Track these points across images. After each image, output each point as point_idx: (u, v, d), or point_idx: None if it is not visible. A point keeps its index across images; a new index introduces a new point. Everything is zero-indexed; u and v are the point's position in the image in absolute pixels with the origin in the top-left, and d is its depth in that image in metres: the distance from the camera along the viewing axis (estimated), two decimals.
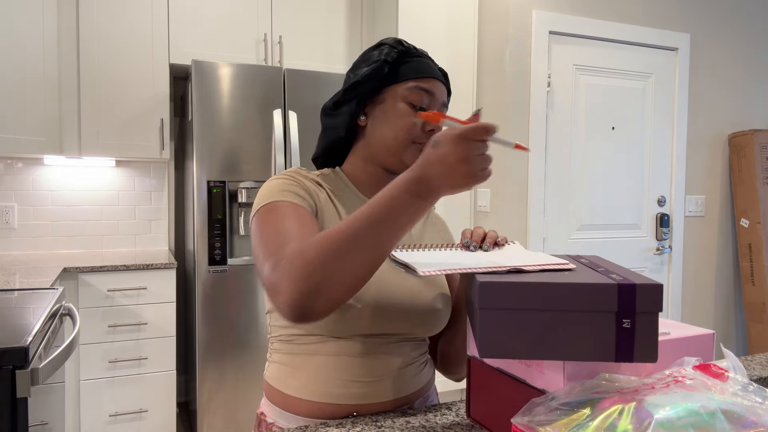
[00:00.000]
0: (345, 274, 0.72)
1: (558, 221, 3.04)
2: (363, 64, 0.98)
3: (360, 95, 0.96)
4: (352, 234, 0.72)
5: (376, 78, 0.95)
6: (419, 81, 0.95)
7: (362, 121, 0.98)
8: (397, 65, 0.96)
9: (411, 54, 0.97)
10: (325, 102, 0.99)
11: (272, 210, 0.87)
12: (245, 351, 2.65)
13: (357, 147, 1.01)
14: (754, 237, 3.31)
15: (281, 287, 0.73)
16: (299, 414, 0.92)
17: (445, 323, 0.99)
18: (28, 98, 2.54)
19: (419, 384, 0.97)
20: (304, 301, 0.72)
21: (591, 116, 3.09)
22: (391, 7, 3.01)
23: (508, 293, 0.65)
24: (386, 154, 0.96)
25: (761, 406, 0.60)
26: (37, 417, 1.34)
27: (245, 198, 2.63)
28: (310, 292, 0.71)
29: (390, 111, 0.95)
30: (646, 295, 0.64)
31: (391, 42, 0.97)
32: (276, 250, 0.79)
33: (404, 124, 0.93)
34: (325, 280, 0.71)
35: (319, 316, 0.73)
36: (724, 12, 3.40)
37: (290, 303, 0.72)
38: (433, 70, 0.97)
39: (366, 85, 0.95)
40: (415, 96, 0.94)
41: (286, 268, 0.73)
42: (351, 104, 0.96)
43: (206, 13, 3.00)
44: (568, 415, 0.61)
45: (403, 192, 0.72)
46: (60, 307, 1.74)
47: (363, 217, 0.72)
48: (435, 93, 0.95)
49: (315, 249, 0.73)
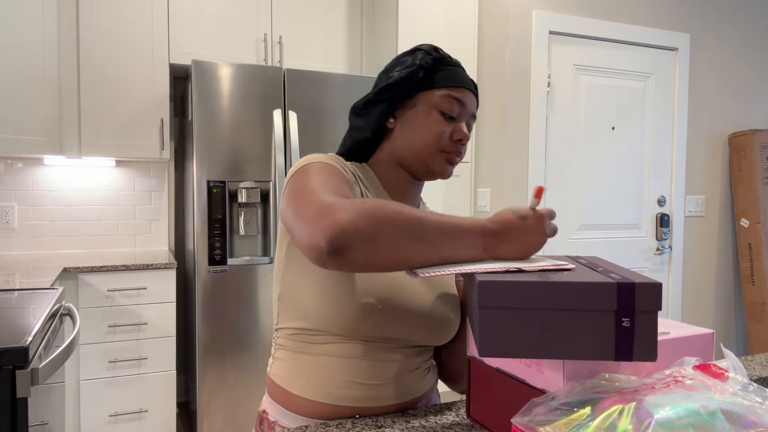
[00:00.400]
0: (400, 249, 0.72)
1: (558, 221, 3.03)
2: (397, 67, 0.97)
3: (392, 98, 0.96)
4: (428, 227, 0.74)
5: (411, 82, 0.95)
6: (452, 90, 0.95)
7: (391, 124, 0.98)
8: (431, 72, 0.96)
9: (446, 62, 0.97)
10: (355, 101, 0.99)
11: (321, 168, 0.88)
12: (245, 351, 2.65)
13: (383, 147, 1.00)
14: (754, 237, 3.31)
15: (338, 215, 0.71)
16: (300, 413, 0.92)
17: (455, 333, 0.99)
18: (28, 98, 2.54)
19: (422, 389, 0.97)
20: (352, 237, 0.70)
21: (591, 116, 3.09)
22: (391, 7, 3.01)
23: (508, 292, 0.65)
24: (412, 159, 0.96)
25: (761, 406, 0.60)
26: (37, 417, 1.34)
27: (245, 198, 2.63)
28: (364, 234, 0.70)
29: (420, 117, 0.95)
30: (645, 294, 0.64)
31: (427, 48, 0.97)
32: (332, 191, 0.79)
33: (434, 132, 0.94)
34: (385, 238, 0.71)
35: (350, 259, 0.71)
36: (724, 12, 3.40)
37: (339, 229, 0.70)
38: (466, 80, 0.97)
39: (399, 88, 0.95)
40: (447, 104, 0.94)
41: (355, 205, 0.72)
42: (382, 105, 0.96)
43: (206, 13, 3.00)
44: (568, 415, 0.61)
45: (478, 231, 0.77)
46: (60, 307, 1.74)
47: (442, 222, 0.76)
48: (466, 103, 0.96)
49: (393, 209, 0.73)
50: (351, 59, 3.33)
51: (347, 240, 0.70)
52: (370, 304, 0.87)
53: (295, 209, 0.79)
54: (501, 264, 0.75)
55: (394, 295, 0.89)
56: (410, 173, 0.99)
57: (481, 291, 0.66)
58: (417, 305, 0.91)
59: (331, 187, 0.81)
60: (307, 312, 0.90)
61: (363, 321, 0.87)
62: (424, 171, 0.96)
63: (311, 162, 0.90)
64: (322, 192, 0.79)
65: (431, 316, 0.93)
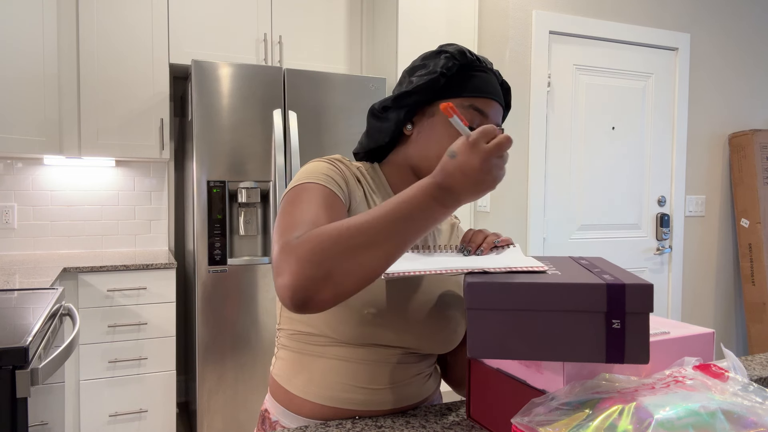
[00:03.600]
0: (357, 267, 0.69)
1: (558, 221, 3.03)
2: (419, 71, 0.93)
3: (410, 105, 0.91)
4: (372, 228, 0.70)
5: (431, 90, 0.90)
6: (474, 100, 0.89)
7: (408, 131, 0.94)
8: (454, 79, 0.90)
9: (472, 68, 0.91)
10: (374, 103, 0.95)
11: (304, 190, 0.84)
12: (245, 351, 2.65)
13: (398, 151, 0.97)
14: (754, 237, 3.31)
15: (285, 268, 0.69)
16: (301, 414, 0.92)
17: (460, 340, 0.98)
18: (28, 98, 2.54)
19: (424, 394, 0.96)
20: (308, 288, 0.68)
21: (591, 116, 3.09)
22: (391, 7, 3.01)
23: (497, 294, 0.65)
24: (426, 169, 0.92)
25: (761, 406, 0.60)
26: (37, 417, 1.33)
27: (245, 198, 2.63)
28: (316, 278, 0.68)
29: (438, 127, 0.90)
30: (635, 295, 0.63)
31: (454, 51, 0.90)
32: (290, 229, 0.76)
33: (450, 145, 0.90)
34: (336, 269, 0.68)
35: (320, 306, 0.70)
36: (724, 12, 3.40)
37: (292, 287, 0.68)
38: (491, 89, 0.91)
39: (418, 95, 0.90)
40: (468, 115, 0.89)
41: (297, 250, 0.70)
42: (399, 112, 0.92)
43: (206, 13, 3.00)
44: (568, 415, 0.61)
45: (426, 195, 0.71)
46: (60, 307, 1.74)
47: (384, 214, 0.71)
48: (489, 114, 0.90)
49: (330, 236, 0.70)
50: (351, 59, 3.33)
51: (305, 292, 0.68)
52: (371, 314, 0.85)
53: (272, 241, 0.78)
54: (480, 261, 0.75)
55: (396, 304, 0.87)
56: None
57: (470, 292, 0.66)
58: (420, 313, 0.89)
59: (308, 220, 0.78)
60: (308, 318, 0.90)
61: (363, 329, 0.86)
62: None
63: (302, 182, 0.86)
64: (291, 229, 0.76)
65: (435, 325, 0.91)
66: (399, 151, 0.97)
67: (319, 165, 0.90)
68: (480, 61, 0.92)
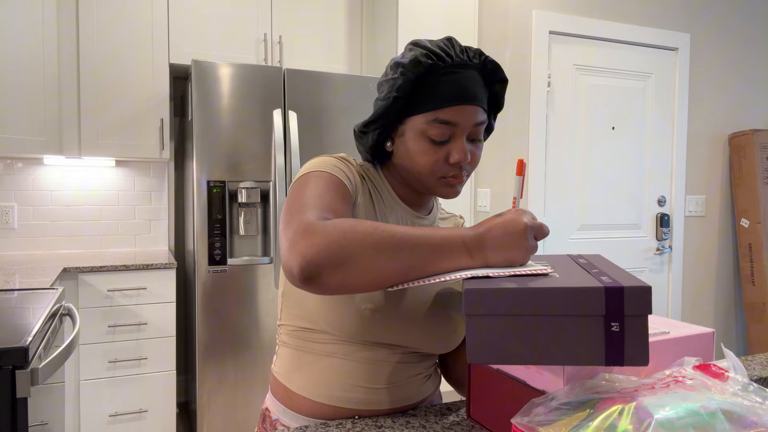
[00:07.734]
0: (372, 269, 0.72)
1: (558, 221, 3.03)
2: (384, 87, 0.90)
3: (380, 128, 0.91)
4: (401, 241, 0.73)
5: (392, 114, 0.89)
6: (438, 112, 0.86)
7: (389, 147, 0.94)
8: (416, 90, 0.87)
9: (435, 73, 0.86)
10: (355, 125, 0.96)
11: (315, 177, 0.86)
12: (245, 351, 2.65)
13: (391, 163, 0.97)
14: (754, 237, 3.31)
15: (307, 241, 0.71)
16: (301, 413, 0.92)
17: (461, 340, 0.98)
18: (28, 98, 2.54)
19: (423, 394, 0.96)
20: (322, 265, 0.70)
21: (591, 116, 3.09)
22: (391, 7, 3.01)
23: (495, 299, 0.65)
24: (415, 183, 0.93)
25: (761, 406, 0.60)
26: (37, 417, 1.33)
27: (245, 198, 2.63)
28: (333, 261, 0.70)
29: (411, 144, 0.89)
30: (634, 297, 0.63)
31: (418, 55, 0.86)
32: (306, 208, 0.77)
33: (426, 163, 0.88)
34: (354, 260, 0.71)
35: (323, 287, 0.71)
36: (724, 12, 3.40)
37: (308, 258, 0.70)
38: (458, 93, 0.85)
39: (383, 120, 0.90)
40: (435, 130, 0.86)
41: (327, 228, 0.72)
42: (374, 134, 0.92)
43: (206, 13, 3.00)
44: (568, 415, 0.61)
45: (459, 236, 0.75)
46: (60, 307, 1.74)
47: (416, 234, 0.74)
48: (459, 122, 0.86)
49: (365, 230, 0.72)
50: (351, 59, 3.33)
51: (318, 267, 0.70)
52: (370, 309, 0.85)
53: (283, 224, 0.79)
54: (472, 270, 0.74)
55: (396, 302, 0.87)
56: (418, 189, 0.96)
57: (468, 298, 0.65)
58: (419, 313, 0.89)
59: (322, 203, 0.80)
60: (309, 312, 0.90)
61: (362, 326, 0.86)
62: (429, 192, 0.94)
63: (312, 170, 0.88)
64: (309, 209, 0.78)
65: (435, 325, 0.91)
66: (392, 161, 0.98)
67: (326, 158, 0.91)
68: (449, 56, 0.86)
